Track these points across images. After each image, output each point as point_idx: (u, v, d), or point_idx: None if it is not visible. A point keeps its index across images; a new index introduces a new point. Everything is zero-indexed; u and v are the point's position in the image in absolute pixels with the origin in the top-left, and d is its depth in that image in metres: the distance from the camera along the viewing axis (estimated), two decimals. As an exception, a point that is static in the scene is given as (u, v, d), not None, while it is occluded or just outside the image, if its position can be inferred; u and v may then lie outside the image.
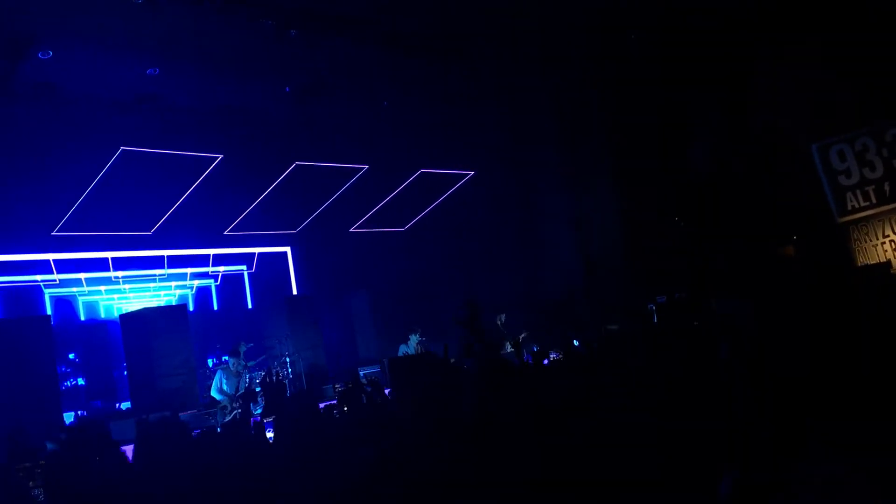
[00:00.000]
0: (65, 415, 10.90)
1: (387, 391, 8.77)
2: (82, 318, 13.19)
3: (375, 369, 13.46)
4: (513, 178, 14.96)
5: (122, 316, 12.24)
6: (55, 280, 12.58)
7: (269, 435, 6.41)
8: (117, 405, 12.05)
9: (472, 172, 15.54)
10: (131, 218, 12.63)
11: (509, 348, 11.77)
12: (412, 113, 12.26)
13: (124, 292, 13.62)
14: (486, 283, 14.65)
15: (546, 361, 8.06)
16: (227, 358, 11.91)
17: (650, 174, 12.58)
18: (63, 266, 12.67)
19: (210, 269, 14.59)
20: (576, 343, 10.05)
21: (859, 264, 11.06)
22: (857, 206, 11.40)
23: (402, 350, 12.68)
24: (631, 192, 13.05)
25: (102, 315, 13.46)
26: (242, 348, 11.30)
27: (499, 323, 12.58)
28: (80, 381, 11.91)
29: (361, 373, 13.08)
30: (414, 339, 12.48)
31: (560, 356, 7.45)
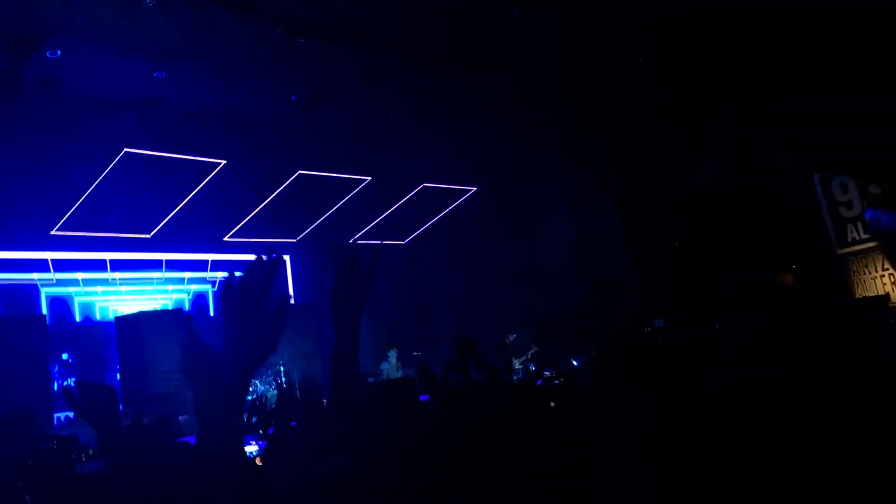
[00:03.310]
0: (56, 415, 10.84)
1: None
2: (78, 319, 13.14)
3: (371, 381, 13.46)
4: (516, 196, 14.93)
5: (117, 318, 12.20)
6: (52, 279, 12.53)
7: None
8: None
9: (475, 188, 15.53)
10: (131, 220, 12.61)
11: (517, 366, 11.75)
12: (416, 126, 12.26)
13: (121, 294, 13.58)
14: (487, 300, 14.59)
15: (539, 381, 7.98)
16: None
17: (656, 195, 12.56)
18: (60, 265, 12.63)
19: (208, 274, 14.55)
20: (575, 363, 9.99)
21: (858, 296, 11.03)
22: (857, 238, 11.40)
23: (384, 366, 12.79)
24: (636, 212, 13.03)
25: (98, 316, 13.41)
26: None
27: (508, 342, 12.54)
28: (73, 382, 11.82)
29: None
30: (393, 356, 12.70)
31: (553, 374, 7.40)
